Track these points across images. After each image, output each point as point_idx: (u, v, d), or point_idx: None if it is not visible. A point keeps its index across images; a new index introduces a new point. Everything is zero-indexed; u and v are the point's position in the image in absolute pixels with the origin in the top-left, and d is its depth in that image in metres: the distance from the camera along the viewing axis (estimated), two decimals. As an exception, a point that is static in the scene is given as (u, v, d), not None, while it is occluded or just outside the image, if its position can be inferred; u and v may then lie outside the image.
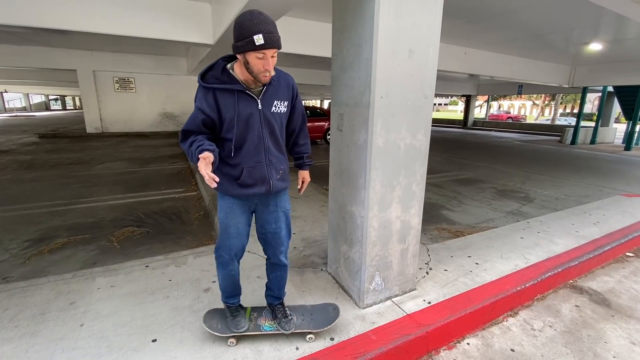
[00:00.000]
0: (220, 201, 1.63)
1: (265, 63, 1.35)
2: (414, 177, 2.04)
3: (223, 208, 1.63)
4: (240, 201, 1.61)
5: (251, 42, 1.30)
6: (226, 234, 1.64)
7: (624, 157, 10.29)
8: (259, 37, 1.29)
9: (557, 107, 32.36)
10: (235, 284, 1.77)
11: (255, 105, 1.48)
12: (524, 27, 6.54)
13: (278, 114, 1.56)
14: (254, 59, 1.34)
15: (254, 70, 1.38)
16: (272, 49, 1.34)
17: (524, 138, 16.20)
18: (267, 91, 1.50)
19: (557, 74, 11.38)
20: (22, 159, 7.84)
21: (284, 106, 1.58)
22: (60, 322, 1.88)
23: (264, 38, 1.30)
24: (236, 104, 1.45)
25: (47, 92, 33.91)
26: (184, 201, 4.74)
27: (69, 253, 3.10)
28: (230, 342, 1.73)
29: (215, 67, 1.47)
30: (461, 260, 2.71)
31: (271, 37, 1.32)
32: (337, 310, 1.88)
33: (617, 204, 4.45)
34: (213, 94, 1.43)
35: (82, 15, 4.80)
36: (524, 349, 1.92)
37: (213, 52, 6.74)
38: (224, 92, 1.43)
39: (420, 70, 1.88)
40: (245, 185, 1.55)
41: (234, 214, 1.62)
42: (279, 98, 1.54)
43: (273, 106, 1.53)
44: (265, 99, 1.50)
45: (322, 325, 1.78)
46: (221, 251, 1.68)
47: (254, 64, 1.36)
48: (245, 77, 1.45)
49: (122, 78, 13.02)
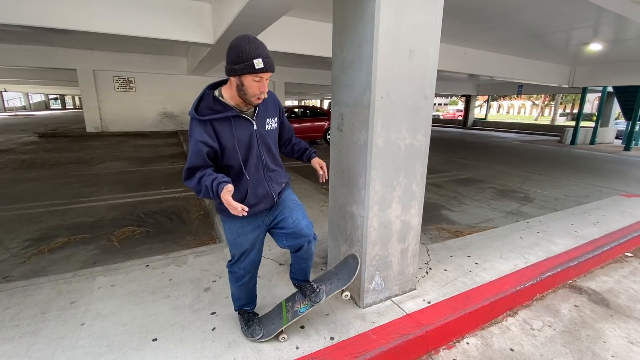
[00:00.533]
0: (228, 224, 1.63)
1: (261, 86, 1.41)
2: (414, 177, 2.04)
3: (232, 230, 1.64)
4: (249, 219, 1.62)
5: (250, 66, 1.34)
6: (240, 252, 1.67)
7: (624, 157, 10.30)
8: (258, 61, 1.34)
9: (556, 107, 32.39)
10: (250, 294, 1.83)
11: (251, 127, 1.52)
12: (524, 27, 6.54)
13: (272, 130, 1.62)
14: (251, 81, 1.38)
15: (248, 93, 1.42)
16: (270, 72, 1.40)
17: (524, 138, 16.21)
18: (258, 112, 1.55)
19: (557, 74, 11.39)
20: (22, 158, 7.84)
21: (274, 123, 1.64)
22: (61, 322, 1.88)
23: (264, 62, 1.35)
24: (233, 130, 1.47)
25: (47, 91, 33.90)
26: (184, 201, 4.74)
27: (69, 252, 3.10)
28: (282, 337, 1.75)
29: (205, 97, 1.46)
30: (461, 260, 2.72)
31: (269, 62, 1.38)
32: (356, 259, 1.90)
33: (617, 204, 4.46)
34: (211, 125, 1.44)
35: (83, 15, 4.80)
36: (523, 349, 1.92)
37: (213, 51, 6.74)
38: (221, 121, 1.45)
39: (420, 70, 1.88)
40: (251, 205, 1.55)
41: (245, 231, 1.64)
42: (269, 116, 1.60)
43: (266, 124, 1.58)
44: (258, 119, 1.55)
45: (349, 278, 1.81)
46: (235, 267, 1.73)
47: (250, 86, 1.40)
48: (236, 101, 1.48)
49: (122, 77, 13.02)
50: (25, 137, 11.80)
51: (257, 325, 1.79)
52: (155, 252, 2.95)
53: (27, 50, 10.80)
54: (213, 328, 1.85)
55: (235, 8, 4.04)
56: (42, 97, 41.45)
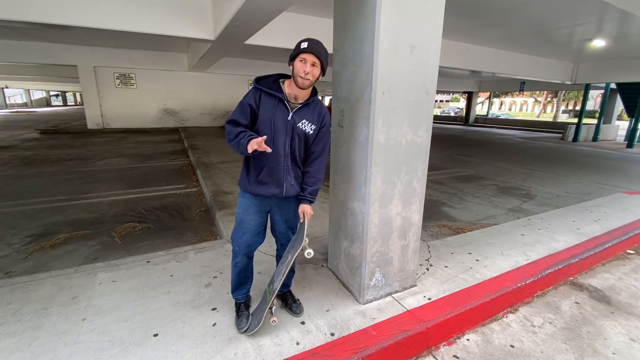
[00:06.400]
0: (240, 198, 1.84)
1: (305, 67, 1.58)
2: (415, 174, 2.03)
3: (241, 205, 1.83)
4: (256, 201, 1.80)
5: (297, 47, 1.60)
6: (239, 228, 1.84)
7: (626, 154, 10.26)
8: (304, 43, 1.59)
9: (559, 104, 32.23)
10: (239, 278, 1.91)
11: (287, 115, 1.68)
12: (527, 23, 6.49)
13: (304, 131, 1.72)
14: (298, 62, 1.60)
15: (296, 74, 1.61)
16: (312, 54, 1.57)
17: (526, 135, 16.14)
18: (301, 109, 1.70)
19: (560, 71, 11.31)
20: (24, 154, 7.85)
21: (310, 128, 1.73)
22: (63, 317, 1.89)
23: (308, 44, 1.58)
24: (274, 108, 1.67)
25: (48, 87, 33.90)
26: (185, 197, 4.74)
27: (70, 248, 3.11)
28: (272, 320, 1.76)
29: (270, 76, 1.71)
30: (461, 257, 2.71)
31: (312, 45, 1.58)
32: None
33: (619, 202, 4.44)
34: (260, 94, 1.67)
35: (83, 11, 4.78)
36: (523, 345, 1.92)
37: (214, 47, 6.72)
38: (268, 95, 1.67)
39: (422, 65, 1.87)
40: (263, 182, 1.73)
41: (250, 211, 1.81)
42: (308, 119, 1.73)
43: (301, 122, 1.71)
44: (297, 114, 1.70)
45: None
46: (233, 242, 1.87)
47: (297, 67, 1.60)
48: (292, 91, 1.68)
49: (123, 74, 12.99)
50: (27, 134, 11.81)
51: (244, 317, 1.84)
52: (156, 248, 2.96)
53: (28, 47, 10.77)
54: (214, 324, 1.86)
55: (236, 3, 4.02)
56: (43, 94, 41.45)
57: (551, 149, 11.01)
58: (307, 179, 1.83)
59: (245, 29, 4.91)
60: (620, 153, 10.46)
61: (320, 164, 1.84)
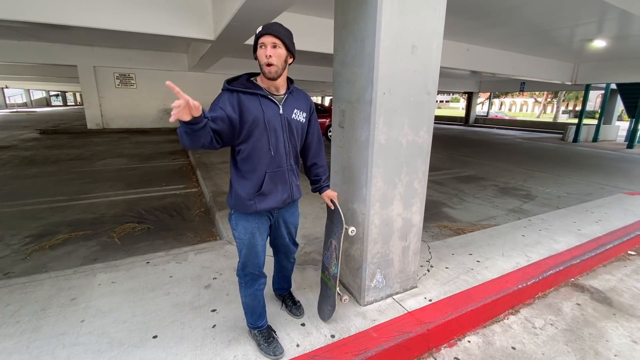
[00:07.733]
0: (242, 223, 1.58)
1: (265, 51, 1.43)
2: (416, 175, 2.02)
3: (246, 229, 1.57)
4: (263, 219, 1.61)
5: (255, 36, 1.48)
6: (252, 254, 1.61)
7: (627, 155, 10.25)
8: (259, 28, 1.46)
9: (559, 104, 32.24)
10: (261, 301, 1.72)
11: (277, 110, 1.53)
12: (528, 23, 6.48)
13: (298, 121, 1.61)
14: (259, 50, 1.46)
15: (261, 64, 1.47)
16: (269, 34, 1.43)
17: (526, 135, 16.13)
18: (287, 99, 1.58)
19: (560, 71, 11.30)
20: (23, 154, 7.84)
21: (303, 116, 1.64)
22: (61, 318, 1.88)
23: (262, 26, 1.45)
24: (261, 106, 1.49)
25: (48, 87, 33.88)
26: (184, 198, 4.73)
27: (70, 249, 3.10)
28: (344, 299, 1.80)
29: (239, 78, 1.54)
30: (462, 258, 2.70)
31: (269, 26, 1.45)
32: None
33: (620, 202, 4.43)
34: (237, 97, 1.46)
35: (82, 10, 4.77)
36: (524, 347, 1.91)
37: (214, 47, 6.71)
38: (249, 95, 1.48)
39: (423, 66, 1.86)
40: (267, 194, 1.54)
41: (260, 231, 1.61)
42: (298, 107, 1.62)
43: (293, 113, 1.59)
44: (286, 105, 1.57)
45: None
46: (248, 269, 1.64)
47: (259, 56, 1.46)
48: (266, 85, 1.53)
49: (123, 74, 12.98)
50: (27, 134, 11.80)
51: (276, 341, 1.69)
52: (155, 249, 2.95)
53: (28, 47, 10.76)
54: (213, 325, 1.85)
55: (236, 3, 4.00)
56: (43, 94, 41.46)
57: (551, 150, 11.00)
58: (317, 170, 1.77)
59: (245, 29, 4.90)
60: (621, 153, 10.45)
61: (322, 152, 1.80)
